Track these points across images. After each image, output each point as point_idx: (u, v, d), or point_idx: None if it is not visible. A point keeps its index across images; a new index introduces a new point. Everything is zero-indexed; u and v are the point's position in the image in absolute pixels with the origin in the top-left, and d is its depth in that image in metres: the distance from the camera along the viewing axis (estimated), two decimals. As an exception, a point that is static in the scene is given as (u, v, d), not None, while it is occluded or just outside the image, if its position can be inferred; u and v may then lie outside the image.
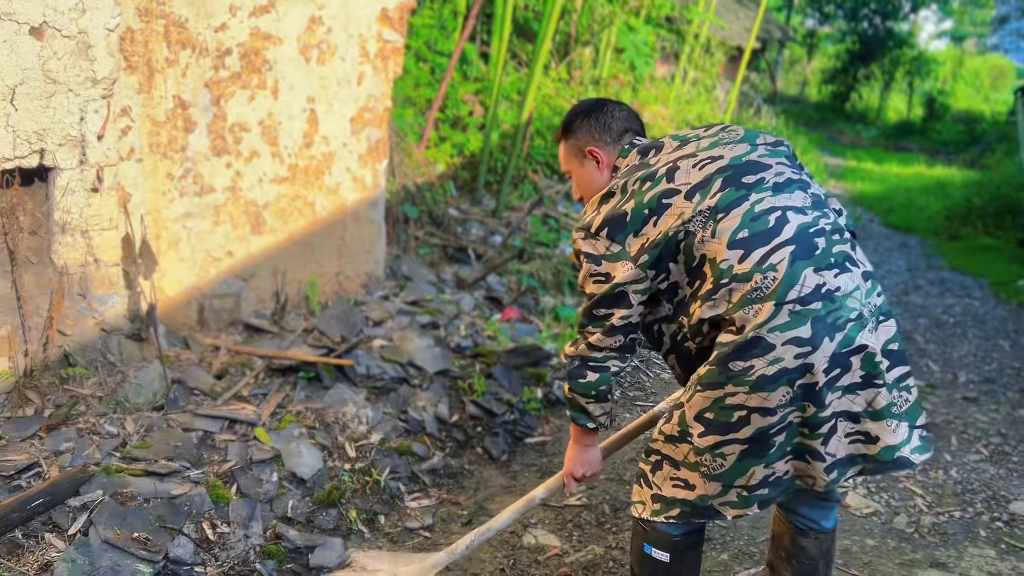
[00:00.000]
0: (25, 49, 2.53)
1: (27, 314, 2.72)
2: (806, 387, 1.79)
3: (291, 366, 3.34)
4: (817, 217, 1.87)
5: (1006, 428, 4.13)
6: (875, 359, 1.82)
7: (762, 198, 1.86)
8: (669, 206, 1.90)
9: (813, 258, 1.80)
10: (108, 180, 2.85)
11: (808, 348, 1.76)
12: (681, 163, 1.96)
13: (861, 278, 1.85)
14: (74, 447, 2.58)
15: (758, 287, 1.79)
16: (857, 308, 1.81)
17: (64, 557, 2.20)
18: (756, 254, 1.80)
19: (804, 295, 1.77)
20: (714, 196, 1.87)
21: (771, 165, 1.95)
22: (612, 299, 1.96)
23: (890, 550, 2.97)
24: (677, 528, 2.02)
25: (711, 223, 1.85)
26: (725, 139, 2.02)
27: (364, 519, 2.81)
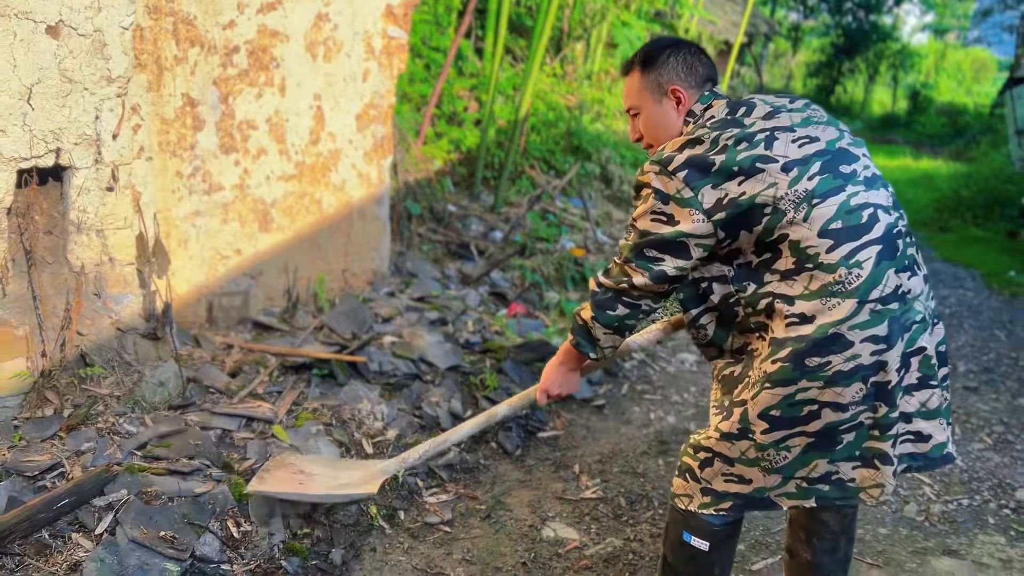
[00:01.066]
0: (42, 48, 2.51)
1: (44, 314, 2.70)
2: (879, 385, 1.80)
3: (305, 363, 3.34)
4: (897, 218, 1.86)
5: (1008, 417, 4.19)
6: (931, 361, 1.87)
7: (857, 191, 1.83)
8: (762, 171, 1.81)
9: (895, 259, 1.81)
10: (123, 179, 2.83)
11: (884, 346, 1.78)
12: (779, 134, 1.87)
13: (922, 281, 1.89)
14: (95, 447, 2.58)
15: (841, 281, 1.77)
16: (921, 311, 1.86)
17: (93, 557, 2.20)
18: (845, 248, 1.78)
19: (885, 295, 1.78)
20: (812, 179, 1.81)
21: (859, 157, 1.92)
22: (672, 245, 1.87)
23: (903, 538, 3.01)
24: (720, 517, 2.01)
25: (805, 206, 1.80)
26: (815, 118, 1.95)
27: (384, 515, 2.82)
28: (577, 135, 7.97)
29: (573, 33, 9.71)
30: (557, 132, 7.92)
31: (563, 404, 3.85)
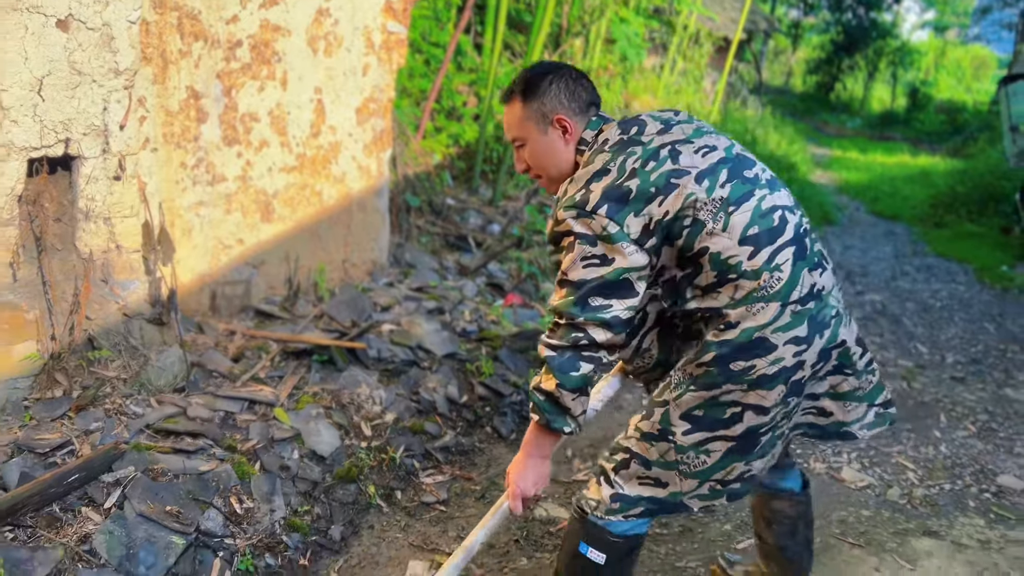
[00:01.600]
0: (52, 41, 2.60)
1: (53, 299, 2.80)
2: (795, 382, 1.84)
3: (305, 349, 3.43)
4: (801, 216, 1.90)
5: (992, 406, 4.29)
6: (850, 352, 1.92)
7: (764, 195, 1.84)
8: (677, 186, 1.78)
9: (807, 258, 1.83)
10: (129, 169, 2.93)
11: (804, 346, 1.81)
12: (680, 147, 1.84)
13: (831, 274, 1.92)
14: (103, 426, 2.67)
15: (764, 286, 1.78)
16: (835, 305, 1.88)
17: (102, 529, 2.30)
18: (765, 252, 1.79)
19: (803, 295, 1.81)
20: (724, 186, 1.80)
21: (755, 161, 1.93)
22: (614, 286, 1.77)
23: (884, 520, 3.11)
24: (622, 527, 1.94)
25: (722, 215, 1.78)
26: (704, 128, 1.94)
27: (382, 494, 2.92)
28: (575, 130, 8.03)
29: (572, 29, 9.79)
30: (555, 127, 7.99)
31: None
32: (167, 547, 2.34)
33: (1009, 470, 3.58)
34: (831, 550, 2.87)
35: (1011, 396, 4.44)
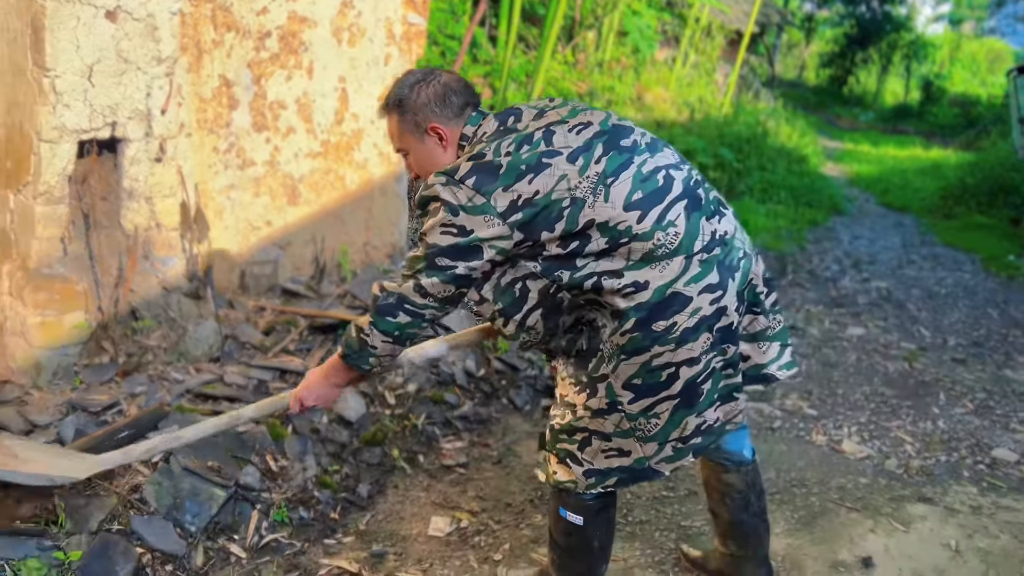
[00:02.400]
0: (101, 31, 2.79)
1: (100, 272, 3.00)
2: (723, 329, 1.92)
3: (331, 324, 3.62)
4: (690, 170, 1.98)
5: (991, 385, 4.43)
6: (757, 290, 2.04)
7: (644, 159, 1.91)
8: (548, 166, 1.85)
9: (702, 208, 1.92)
10: (169, 151, 3.12)
11: (720, 292, 1.89)
12: (554, 127, 1.92)
13: (733, 218, 2.02)
14: (147, 390, 2.87)
15: (661, 244, 1.85)
16: (741, 247, 1.98)
17: (151, 480, 2.50)
18: (654, 213, 1.86)
19: (706, 244, 1.89)
20: (600, 161, 1.87)
21: (632, 128, 2.00)
22: (463, 251, 1.85)
23: (881, 487, 3.27)
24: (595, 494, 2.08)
25: (601, 187, 1.85)
26: (580, 107, 2.02)
27: (405, 457, 3.11)
28: (588, 121, 8.19)
29: (585, 22, 9.93)
30: (568, 118, 8.15)
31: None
32: (210, 498, 2.53)
33: (1004, 444, 3.73)
34: (829, 513, 3.03)
35: (1010, 376, 4.59)
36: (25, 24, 2.73)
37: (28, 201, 2.85)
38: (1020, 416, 4.05)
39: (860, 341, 5.03)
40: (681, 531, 2.83)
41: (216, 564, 2.44)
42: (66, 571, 2.19)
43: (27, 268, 2.89)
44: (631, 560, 2.64)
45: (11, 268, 2.94)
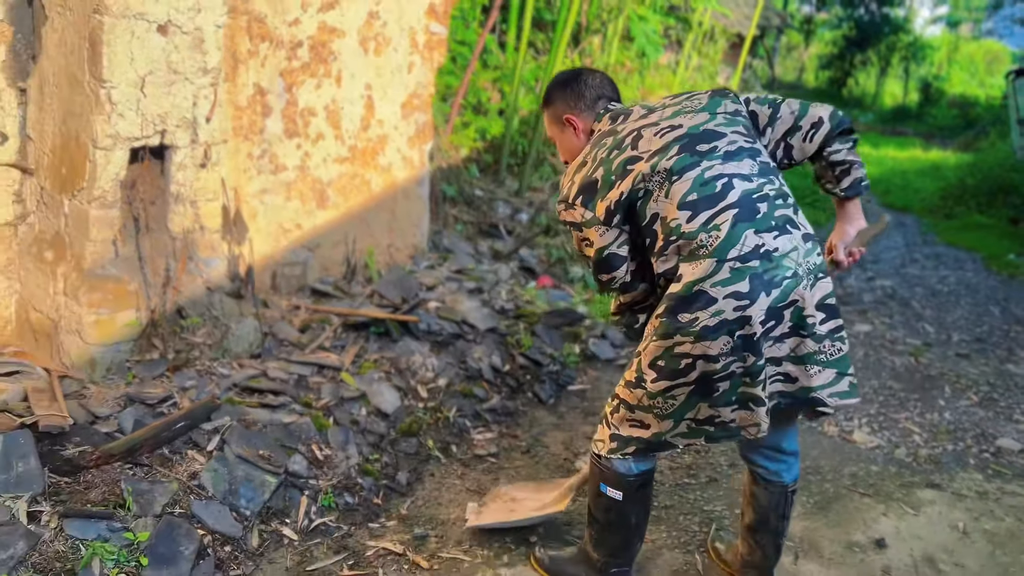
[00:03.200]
0: (153, 44, 2.95)
1: (150, 273, 3.15)
2: (745, 337, 2.01)
3: (363, 322, 3.78)
4: (762, 184, 2.09)
5: (995, 379, 4.59)
6: (803, 313, 2.05)
7: (712, 165, 2.07)
8: (631, 171, 2.11)
9: (754, 221, 2.03)
10: (213, 157, 3.28)
11: (747, 302, 1.98)
12: (644, 131, 2.15)
13: (801, 240, 2.07)
14: (196, 384, 3.03)
15: (703, 244, 2.02)
16: (792, 267, 2.02)
17: (207, 468, 2.65)
18: (703, 216, 2.02)
19: (744, 254, 2.00)
20: (670, 159, 2.08)
21: (726, 134, 2.13)
22: (605, 263, 2.20)
23: (892, 475, 3.43)
24: (630, 468, 2.26)
25: (667, 184, 2.06)
26: (687, 108, 2.19)
27: (439, 447, 3.26)
28: (596, 124, 8.36)
29: (591, 27, 10.10)
30: (577, 122, 8.31)
31: (590, 363, 4.28)
32: (262, 484, 2.69)
33: (1008, 434, 3.89)
34: (843, 499, 3.19)
35: (1013, 371, 4.75)
36: (83, 39, 2.89)
37: (83, 205, 3.01)
38: (1023, 408, 4.21)
39: (867, 337, 5.19)
40: (704, 515, 2.98)
41: (271, 545, 2.59)
42: (135, 551, 2.35)
43: (81, 269, 3.05)
44: (658, 541, 2.79)
45: (66, 269, 3.10)
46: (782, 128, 2.25)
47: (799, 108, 2.25)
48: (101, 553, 2.29)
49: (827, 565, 2.74)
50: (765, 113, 2.26)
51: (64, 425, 2.57)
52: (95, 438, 2.64)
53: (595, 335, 4.46)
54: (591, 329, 4.49)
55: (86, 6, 2.88)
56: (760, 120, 2.26)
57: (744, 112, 2.25)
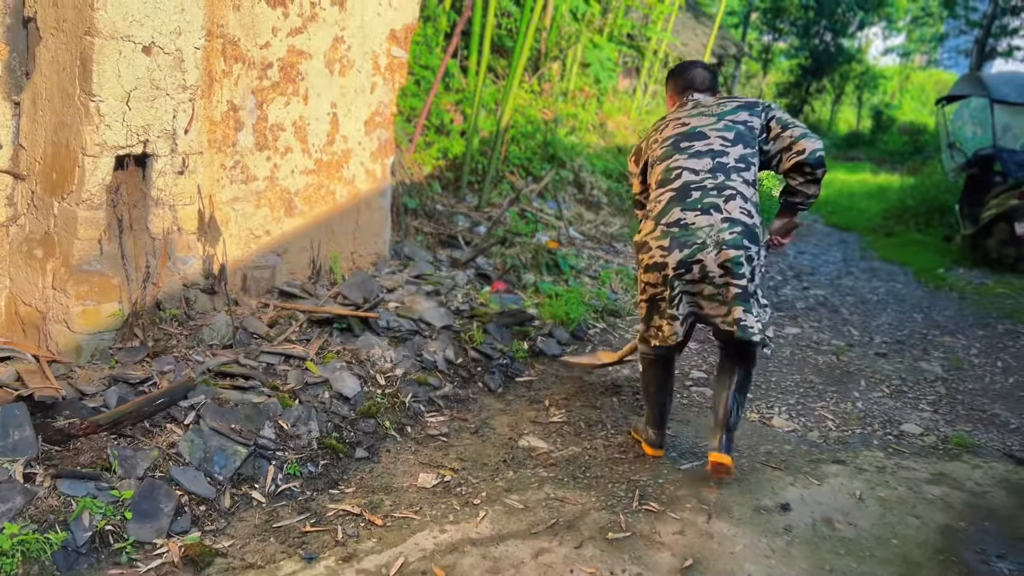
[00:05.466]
0: (138, 63, 3.30)
1: (131, 269, 3.48)
2: (665, 276, 3.09)
3: (327, 319, 4.12)
4: (705, 178, 3.08)
5: (907, 374, 5.04)
6: (706, 269, 3.04)
7: (678, 159, 3.13)
8: (650, 148, 3.29)
9: (684, 203, 3.06)
10: (190, 165, 3.62)
11: (665, 252, 3.06)
12: (671, 123, 3.23)
13: (719, 220, 3.02)
14: (174, 368, 3.35)
15: (651, 212, 3.13)
16: (702, 238, 3.01)
17: (184, 438, 2.97)
18: (658, 191, 3.15)
19: (669, 223, 3.07)
20: (662, 149, 3.20)
21: (709, 137, 3.13)
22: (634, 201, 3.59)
23: (802, 453, 3.83)
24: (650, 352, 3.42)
25: (656, 164, 3.20)
26: (710, 111, 3.21)
27: (396, 428, 3.61)
28: (553, 145, 8.81)
29: (550, 54, 10.59)
30: (535, 142, 8.77)
31: (538, 358, 4.66)
32: (234, 454, 3.02)
33: (912, 420, 4.32)
34: (756, 472, 3.58)
35: (924, 367, 5.21)
36: (74, 57, 3.24)
37: (71, 207, 3.34)
38: (929, 399, 4.66)
39: (795, 339, 5.63)
40: (630, 484, 3.35)
41: (241, 506, 2.91)
42: (120, 507, 2.66)
43: (69, 265, 3.36)
44: (587, 505, 3.16)
45: (55, 265, 3.41)
46: (779, 146, 3.19)
47: (798, 134, 3.14)
48: (91, 507, 2.60)
49: (736, 524, 3.12)
50: (775, 130, 3.19)
51: (57, 396, 2.88)
52: (83, 412, 2.96)
53: (543, 334, 4.84)
54: (540, 328, 4.87)
55: (78, 28, 3.22)
56: (771, 134, 3.19)
57: (758, 124, 3.19)
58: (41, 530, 2.49)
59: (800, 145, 3.09)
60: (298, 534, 2.81)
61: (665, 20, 12.86)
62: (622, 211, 8.91)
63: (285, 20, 4.28)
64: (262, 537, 2.77)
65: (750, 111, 3.18)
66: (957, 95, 9.64)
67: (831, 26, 26.87)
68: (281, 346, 3.80)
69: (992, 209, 8.30)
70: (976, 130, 10.11)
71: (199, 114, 3.96)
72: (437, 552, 2.74)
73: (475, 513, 3.01)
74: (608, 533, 2.94)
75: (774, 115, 3.19)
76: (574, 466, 3.48)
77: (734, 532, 3.04)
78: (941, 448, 3.96)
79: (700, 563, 2.80)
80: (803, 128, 3.15)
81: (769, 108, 3.22)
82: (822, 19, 26.69)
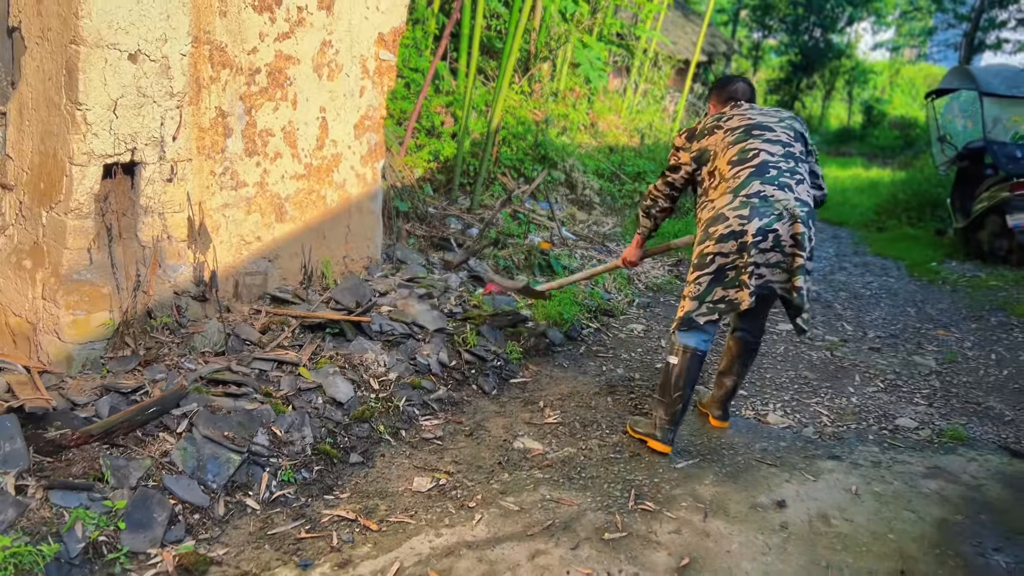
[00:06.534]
0: (124, 71, 3.29)
1: (121, 278, 3.46)
2: (742, 243, 3.30)
3: (319, 324, 4.11)
4: (779, 160, 3.40)
5: (901, 368, 5.05)
6: (780, 239, 3.31)
7: (754, 143, 3.43)
8: (714, 133, 3.55)
9: (764, 177, 3.36)
10: (179, 172, 3.61)
11: (745, 221, 3.29)
12: (734, 117, 3.55)
13: (792, 197, 3.33)
14: (166, 377, 3.33)
15: (729, 185, 3.38)
16: (779, 209, 3.30)
17: (177, 446, 2.96)
18: (735, 169, 3.40)
19: (749, 194, 3.33)
20: (734, 134, 3.47)
21: (776, 130, 3.49)
22: (673, 168, 3.74)
23: (798, 449, 3.83)
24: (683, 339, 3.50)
25: (728, 148, 3.46)
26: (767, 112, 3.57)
27: (390, 432, 3.60)
28: (544, 146, 8.81)
29: (540, 54, 10.59)
30: (526, 143, 8.77)
31: (531, 358, 4.65)
32: (227, 461, 3.00)
33: (906, 415, 4.33)
34: (751, 469, 3.58)
35: (918, 361, 5.21)
36: (60, 66, 3.22)
37: (60, 217, 3.32)
38: (923, 392, 4.67)
39: (788, 335, 5.64)
40: (626, 484, 3.35)
41: (235, 514, 2.90)
42: (114, 517, 2.65)
43: (59, 275, 3.35)
44: (583, 506, 3.15)
45: (44, 275, 3.39)
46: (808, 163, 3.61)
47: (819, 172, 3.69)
48: (83, 518, 2.59)
49: (732, 522, 3.11)
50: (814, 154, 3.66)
51: (48, 407, 2.87)
52: (75, 422, 2.94)
53: (536, 334, 4.83)
54: (534, 329, 4.86)
55: (63, 37, 3.21)
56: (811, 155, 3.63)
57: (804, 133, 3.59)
58: (34, 542, 2.47)
59: (819, 182, 3.67)
60: (293, 541, 2.79)
61: (654, 19, 12.87)
62: (614, 211, 8.91)
63: (272, 25, 4.27)
64: (257, 545, 2.76)
65: (799, 123, 3.61)
66: (946, 89, 9.65)
67: (820, 22, 26.94)
68: (274, 352, 3.79)
69: (983, 202, 8.32)
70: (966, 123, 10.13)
71: (187, 121, 3.94)
72: (433, 556, 2.73)
73: (470, 516, 3.00)
74: (604, 533, 2.93)
75: (810, 142, 3.65)
76: (569, 467, 3.47)
77: (730, 530, 3.04)
78: (936, 442, 3.97)
79: (697, 562, 2.80)
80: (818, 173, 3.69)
81: (807, 131, 3.66)
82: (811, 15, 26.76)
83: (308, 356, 3.84)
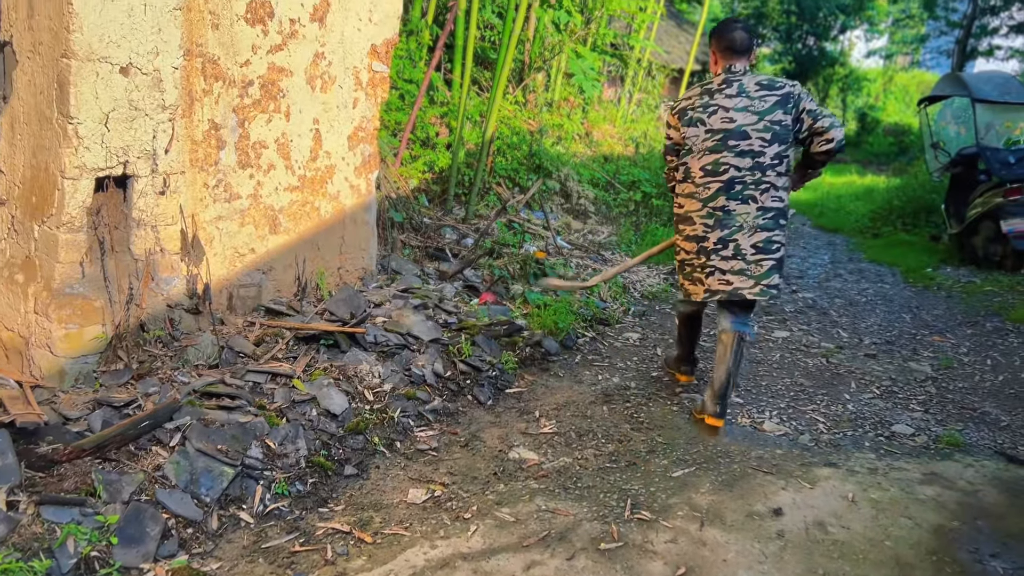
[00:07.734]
0: (116, 84, 3.29)
1: (114, 292, 3.45)
2: (703, 247, 3.84)
3: (314, 335, 4.10)
4: (746, 173, 3.74)
5: (896, 375, 5.05)
6: (741, 248, 3.79)
7: (726, 156, 3.75)
8: (697, 127, 3.83)
9: (729, 193, 3.77)
10: (172, 185, 3.60)
11: (709, 230, 3.82)
12: (720, 111, 3.76)
13: (754, 209, 3.76)
14: (159, 390, 3.32)
15: (700, 195, 3.83)
16: (739, 222, 3.77)
17: (170, 460, 2.94)
18: (706, 179, 3.81)
19: (715, 207, 3.79)
20: (712, 142, 3.77)
21: (751, 136, 3.73)
22: (666, 149, 4.11)
23: (794, 456, 3.82)
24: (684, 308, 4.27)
25: (704, 153, 3.80)
26: (752, 108, 3.73)
27: (385, 444, 3.58)
28: (539, 156, 8.83)
29: (534, 65, 10.62)
30: (521, 153, 8.78)
31: (527, 368, 4.64)
32: (221, 475, 2.99)
33: (903, 421, 4.32)
34: (747, 477, 3.57)
35: (914, 368, 5.21)
36: (51, 80, 3.22)
37: (52, 231, 3.31)
38: (919, 399, 4.66)
39: (784, 342, 5.63)
40: (622, 493, 3.34)
41: (229, 528, 2.88)
42: (106, 532, 2.63)
43: (51, 288, 3.34)
44: (579, 516, 3.14)
45: (36, 289, 3.38)
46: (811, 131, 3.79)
47: (827, 125, 3.74)
48: (76, 533, 2.57)
49: (728, 531, 3.10)
50: (808, 122, 3.76)
51: (39, 422, 2.85)
52: (67, 437, 2.93)
53: (531, 343, 4.82)
54: (528, 339, 4.85)
55: (54, 51, 3.21)
56: (803, 125, 3.77)
57: (791, 120, 3.74)
58: (25, 558, 2.46)
59: (829, 135, 3.75)
60: (287, 554, 2.78)
61: (648, 29, 12.92)
62: (609, 220, 8.92)
63: (265, 38, 4.28)
64: (251, 558, 2.74)
65: (784, 109, 3.72)
66: (939, 95, 9.69)
67: (813, 30, 27.07)
68: (267, 364, 3.78)
69: (978, 207, 8.33)
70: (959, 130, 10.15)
71: (180, 134, 3.94)
72: (428, 568, 2.72)
73: (466, 528, 2.99)
74: (600, 544, 2.92)
75: (804, 107, 3.75)
76: (565, 477, 3.46)
77: (727, 539, 3.03)
78: (932, 448, 3.96)
79: (693, 571, 2.79)
80: (830, 118, 3.76)
81: (800, 100, 3.76)
82: (804, 24, 26.89)
83: (302, 368, 3.83)
